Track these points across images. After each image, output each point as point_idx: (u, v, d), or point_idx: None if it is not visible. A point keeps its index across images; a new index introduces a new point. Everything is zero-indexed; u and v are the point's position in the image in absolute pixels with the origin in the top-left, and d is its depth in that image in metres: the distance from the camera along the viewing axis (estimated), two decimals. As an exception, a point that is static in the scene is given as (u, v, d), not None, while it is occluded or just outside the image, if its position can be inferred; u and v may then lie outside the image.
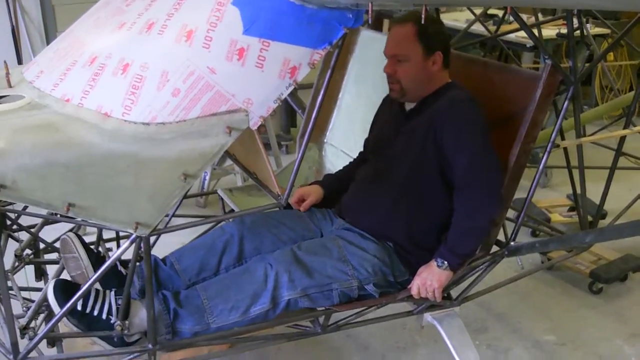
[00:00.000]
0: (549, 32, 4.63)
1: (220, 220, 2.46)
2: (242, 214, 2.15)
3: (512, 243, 2.33)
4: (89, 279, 1.96)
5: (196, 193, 3.75)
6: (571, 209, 3.88)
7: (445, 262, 2.12)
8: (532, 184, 2.32)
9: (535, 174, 2.32)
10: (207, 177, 3.97)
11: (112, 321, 1.86)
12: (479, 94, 2.29)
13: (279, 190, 1.93)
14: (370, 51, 3.09)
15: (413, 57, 2.17)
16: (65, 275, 2.08)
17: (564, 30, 4.43)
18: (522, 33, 4.17)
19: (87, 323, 1.87)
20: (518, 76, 2.32)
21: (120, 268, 2.08)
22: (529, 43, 4.59)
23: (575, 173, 2.71)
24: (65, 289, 1.86)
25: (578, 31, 2.88)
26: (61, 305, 1.83)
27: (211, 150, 1.72)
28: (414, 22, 2.14)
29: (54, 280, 1.92)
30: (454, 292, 2.38)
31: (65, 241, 2.04)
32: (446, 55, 2.23)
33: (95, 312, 1.87)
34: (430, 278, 2.12)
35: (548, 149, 2.32)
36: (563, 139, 2.62)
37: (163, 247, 2.46)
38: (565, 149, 2.66)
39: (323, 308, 2.10)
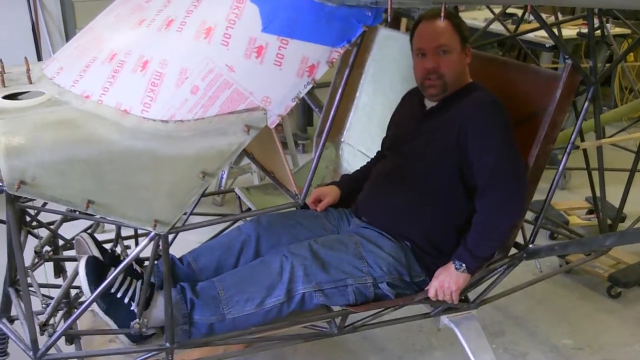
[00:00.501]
0: (568, 32, 4.58)
1: (237, 219, 2.45)
2: (259, 212, 2.15)
3: (530, 246, 2.31)
4: (107, 277, 1.97)
5: (213, 191, 3.76)
6: (590, 212, 3.84)
7: (464, 265, 2.10)
8: (551, 186, 2.29)
9: (554, 176, 2.30)
10: (225, 176, 3.97)
11: (131, 307, 1.86)
12: (498, 94, 2.26)
13: (297, 190, 1.92)
14: (387, 50, 3.08)
15: (455, 49, 2.17)
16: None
17: (585, 30, 4.39)
18: (541, 33, 4.13)
19: (109, 303, 1.87)
20: (538, 76, 2.30)
21: (135, 267, 2.08)
22: (548, 43, 4.55)
23: (595, 175, 2.67)
24: (95, 267, 1.87)
25: (599, 31, 2.85)
26: (92, 289, 1.83)
27: (229, 148, 1.71)
28: (446, 16, 2.13)
29: (85, 257, 1.92)
30: (472, 295, 2.36)
31: (79, 242, 2.05)
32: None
33: (119, 294, 1.87)
34: (448, 280, 2.11)
35: (568, 150, 2.29)
36: (582, 140, 2.59)
37: (181, 244, 2.47)
38: (584, 150, 2.63)
39: (339, 308, 2.09)
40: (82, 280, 1.86)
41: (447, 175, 2.17)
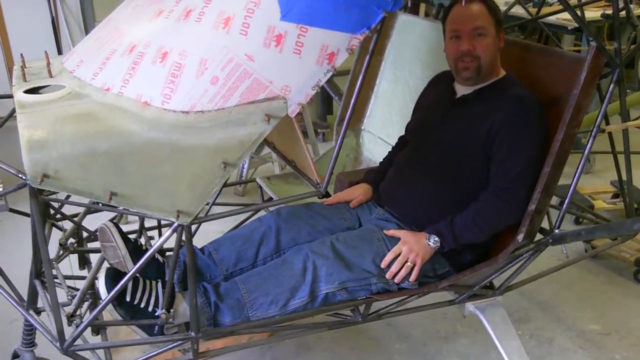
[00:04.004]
0: (591, 13, 4.51)
1: (259, 208, 2.45)
2: (280, 202, 2.14)
3: (556, 231, 2.27)
4: (128, 268, 1.98)
5: (235, 182, 3.77)
6: (615, 196, 3.79)
7: (439, 243, 2.09)
8: (576, 170, 2.25)
9: (579, 160, 2.26)
10: (246, 166, 3.98)
11: (156, 313, 1.88)
12: (521, 78, 2.24)
13: (318, 179, 1.91)
14: (407, 36, 3.06)
15: (490, 32, 2.15)
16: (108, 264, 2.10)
17: (609, 11, 4.31)
18: (563, 15, 4.08)
19: (133, 314, 1.88)
20: (561, 59, 2.26)
21: (157, 256, 2.09)
22: (570, 25, 4.48)
23: (620, 158, 2.63)
24: (115, 279, 1.87)
25: (623, 12, 2.79)
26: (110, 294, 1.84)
27: (250, 138, 1.70)
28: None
29: (105, 268, 1.94)
30: (497, 281, 2.34)
31: (103, 230, 2.06)
32: None
33: (143, 304, 1.88)
34: (417, 251, 2.07)
35: (593, 133, 2.25)
36: (607, 123, 2.55)
37: (203, 235, 2.48)
38: (609, 133, 2.59)
39: (363, 297, 2.09)
40: (101, 290, 1.87)
41: (474, 167, 2.15)
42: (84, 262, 2.43)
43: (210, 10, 1.75)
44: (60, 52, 5.06)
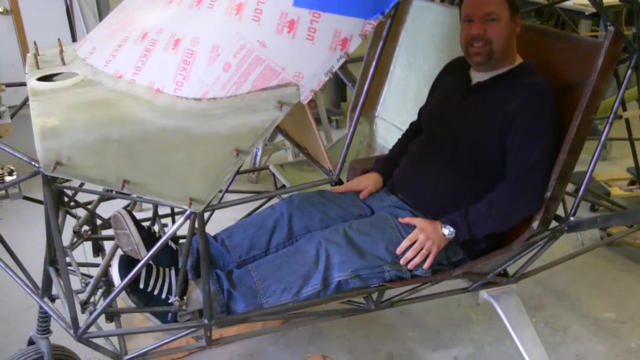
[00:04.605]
0: (609, -2, 4.45)
1: (272, 196, 2.45)
2: (294, 189, 2.14)
3: (572, 218, 2.25)
4: (141, 255, 1.99)
5: (248, 169, 3.77)
6: (632, 183, 3.75)
7: (454, 233, 2.07)
8: (592, 157, 2.23)
9: (595, 147, 2.23)
10: (259, 153, 3.98)
11: (170, 301, 1.88)
12: (538, 64, 2.21)
13: (331, 166, 1.90)
14: (422, 21, 3.03)
15: (503, 17, 2.13)
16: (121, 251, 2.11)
17: (626, -4, 4.25)
18: (580, 0, 4.02)
19: (147, 301, 1.89)
20: (579, 44, 2.22)
21: (171, 244, 2.09)
22: (588, 10, 4.43)
23: (637, 145, 2.61)
24: (128, 266, 1.88)
25: (642, -4, 2.74)
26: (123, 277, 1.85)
27: (262, 125, 1.70)
28: None
29: (118, 256, 1.94)
30: (511, 269, 2.33)
31: (116, 218, 2.07)
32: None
33: (156, 292, 1.89)
34: (433, 240, 2.07)
35: (610, 120, 2.22)
36: (625, 109, 2.52)
37: (217, 222, 2.48)
38: (626, 120, 2.56)
39: (376, 285, 2.08)
40: (114, 278, 1.88)
41: (489, 155, 2.13)
42: (97, 250, 2.45)
43: (222, -4, 1.74)
44: (74, 39, 5.09)
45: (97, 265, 2.38)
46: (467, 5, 2.18)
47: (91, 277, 1.99)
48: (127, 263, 1.90)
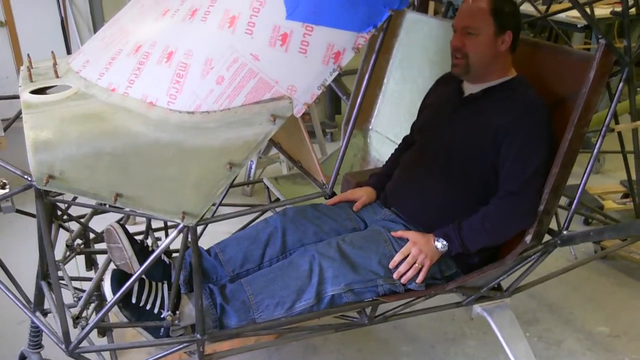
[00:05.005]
0: (601, 11, 4.48)
1: (266, 209, 2.44)
2: (287, 203, 2.14)
3: (565, 232, 2.25)
4: (134, 269, 1.98)
5: (242, 182, 3.76)
6: (625, 196, 3.76)
7: (447, 247, 2.07)
8: (585, 170, 2.23)
9: (588, 160, 2.24)
10: (253, 166, 3.98)
11: (162, 315, 1.87)
12: (530, 76, 2.22)
13: (324, 179, 1.90)
14: (415, 34, 3.04)
15: (484, 32, 2.12)
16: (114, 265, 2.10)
17: (618, 9, 4.28)
18: (573, 13, 4.05)
19: (139, 316, 1.88)
20: (570, 57, 2.24)
21: (164, 258, 2.09)
22: (580, 23, 4.45)
23: (630, 158, 2.61)
24: (121, 281, 1.87)
25: (633, 9, 2.77)
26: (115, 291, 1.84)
27: (255, 138, 1.69)
28: None
29: (110, 270, 1.93)
30: (505, 283, 2.32)
31: (109, 231, 2.06)
32: (515, 39, 2.17)
33: (148, 306, 1.88)
34: (426, 253, 2.06)
35: (602, 133, 2.23)
36: (617, 122, 2.53)
37: (211, 235, 2.47)
38: (619, 133, 2.57)
39: (369, 299, 2.07)
40: (106, 292, 1.86)
41: (482, 168, 2.13)
42: (90, 263, 2.43)
43: (215, 9, 1.74)
44: (69, 52, 5.10)
45: (89, 279, 2.36)
46: (456, 15, 2.20)
47: (84, 291, 1.98)
48: (120, 277, 1.89)
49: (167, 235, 2.50)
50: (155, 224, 2.49)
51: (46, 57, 2.11)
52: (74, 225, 2.34)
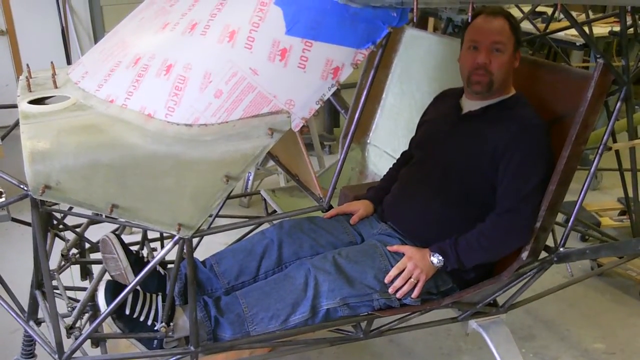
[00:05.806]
0: (600, 30, 4.50)
1: (262, 222, 2.44)
2: (284, 216, 2.14)
3: (561, 249, 2.25)
4: (128, 280, 1.97)
5: (240, 193, 3.76)
6: (622, 213, 3.76)
7: (442, 262, 2.07)
8: (582, 188, 2.24)
9: (586, 177, 2.24)
10: (251, 178, 3.98)
11: (156, 327, 1.87)
12: (529, 94, 2.23)
13: (321, 193, 1.90)
14: (415, 50, 3.05)
15: (508, 49, 2.13)
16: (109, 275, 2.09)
17: (617, 28, 4.30)
18: (572, 31, 4.06)
19: (132, 327, 1.87)
20: (568, 76, 2.25)
21: (159, 269, 2.08)
22: (579, 41, 4.48)
23: (627, 176, 2.62)
24: (115, 292, 1.86)
25: (631, 29, 2.78)
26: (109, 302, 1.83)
27: (253, 152, 1.70)
28: (505, 16, 2.14)
29: (105, 281, 1.93)
30: (501, 299, 2.32)
31: (105, 242, 2.05)
32: None
33: (142, 318, 1.87)
34: (421, 268, 2.05)
35: (600, 151, 2.23)
36: (615, 141, 2.53)
37: (207, 246, 2.47)
38: (616, 151, 2.57)
39: (365, 313, 2.07)
40: (100, 303, 1.86)
41: (479, 184, 2.13)
42: (86, 273, 2.43)
43: (215, 23, 1.75)
44: (69, 62, 5.11)
45: (84, 289, 2.35)
46: (476, 31, 2.16)
47: (78, 301, 1.98)
48: (114, 288, 1.88)
49: (162, 245, 2.50)
50: (151, 234, 2.49)
51: (46, 66, 2.12)
52: (70, 235, 2.34)
